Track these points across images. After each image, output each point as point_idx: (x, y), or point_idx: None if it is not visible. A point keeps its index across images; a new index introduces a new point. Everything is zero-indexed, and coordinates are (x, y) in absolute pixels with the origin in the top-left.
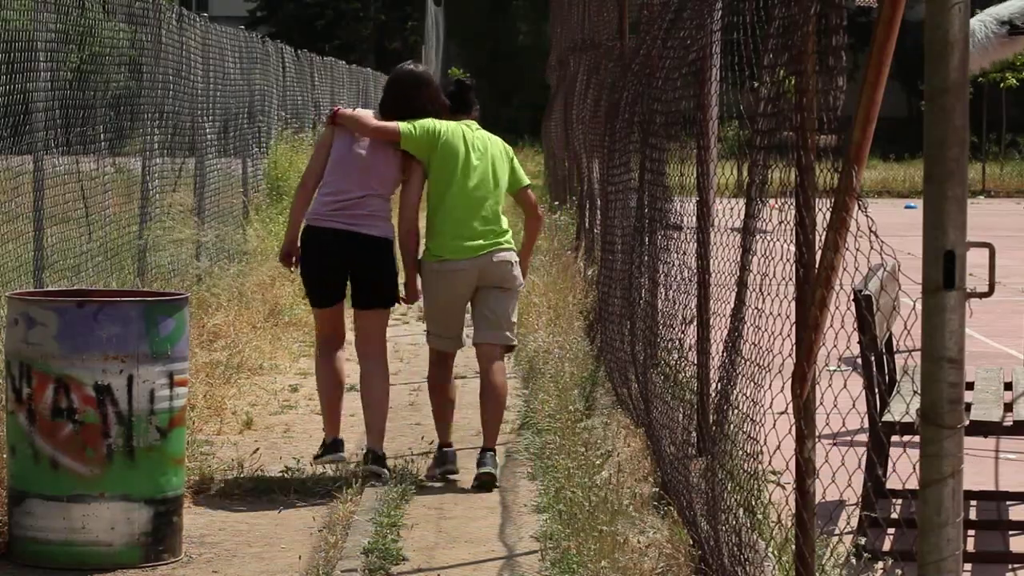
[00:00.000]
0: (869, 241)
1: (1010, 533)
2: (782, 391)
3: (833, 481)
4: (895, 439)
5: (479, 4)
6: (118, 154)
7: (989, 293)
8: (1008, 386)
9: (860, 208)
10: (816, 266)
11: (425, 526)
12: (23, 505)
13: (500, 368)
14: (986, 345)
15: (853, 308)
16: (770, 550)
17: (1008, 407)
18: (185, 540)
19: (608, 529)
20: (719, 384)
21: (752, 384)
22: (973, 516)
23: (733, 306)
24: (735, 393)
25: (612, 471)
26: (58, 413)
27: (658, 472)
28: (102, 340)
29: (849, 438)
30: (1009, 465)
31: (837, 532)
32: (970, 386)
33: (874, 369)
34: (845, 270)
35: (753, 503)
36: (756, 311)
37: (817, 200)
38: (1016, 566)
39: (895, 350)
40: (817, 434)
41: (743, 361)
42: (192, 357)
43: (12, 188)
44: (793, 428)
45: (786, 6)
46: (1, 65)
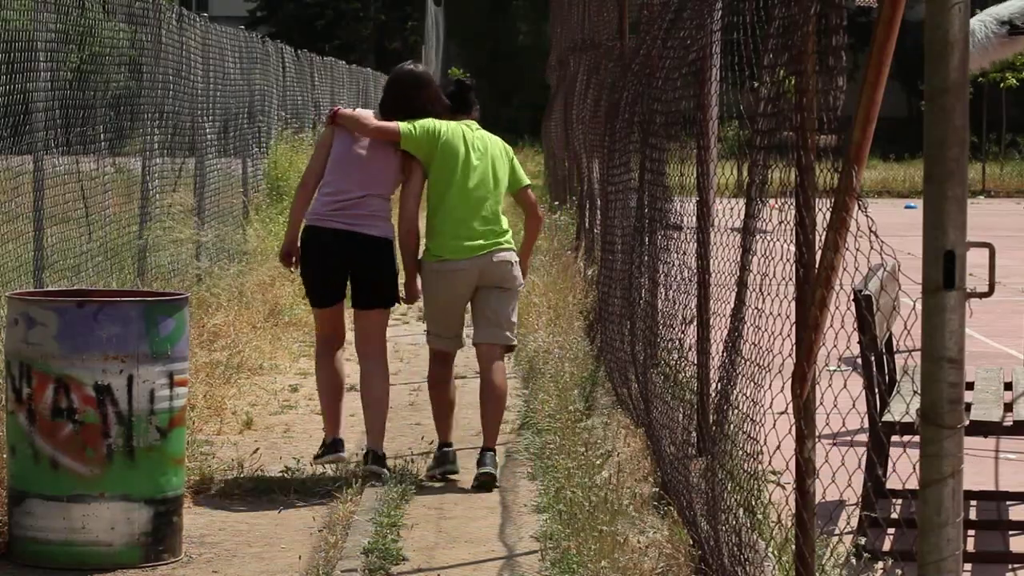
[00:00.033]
0: (869, 241)
1: (1010, 533)
2: (782, 391)
3: (833, 481)
4: (895, 439)
5: (479, 4)
6: (118, 154)
7: (989, 293)
8: (1008, 386)
9: (860, 208)
10: (816, 266)
11: (425, 526)
12: (23, 505)
13: (500, 368)
14: (986, 345)
15: (853, 308)
16: (770, 550)
17: (1008, 407)
18: (185, 540)
19: (608, 529)
20: (719, 384)
21: (752, 384)
22: (973, 516)
23: (733, 306)
24: (735, 393)
25: (612, 471)
26: (58, 413)
27: (658, 472)
28: (102, 340)
29: (849, 438)
30: (1009, 465)
31: (837, 532)
32: (970, 386)
33: (874, 369)
34: (845, 270)
35: (753, 503)
36: (756, 311)
37: (817, 200)
38: (1016, 566)
39: (895, 350)
40: (817, 434)
41: (743, 361)
42: (192, 357)
43: (12, 188)
44: (793, 428)
45: (786, 6)
46: (1, 65)
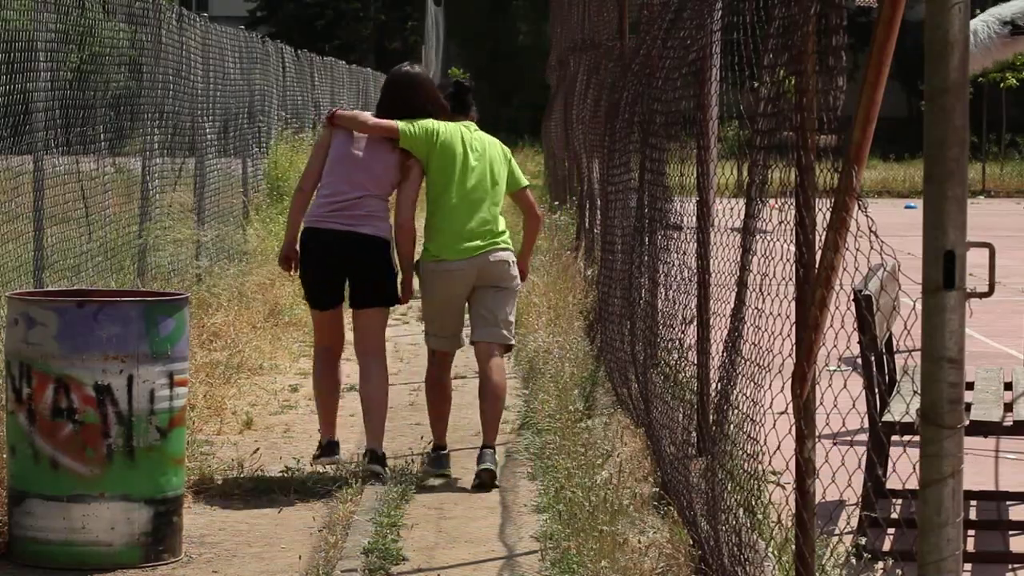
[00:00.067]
0: (869, 241)
1: (1010, 533)
2: (782, 391)
3: (833, 481)
4: (895, 439)
5: (479, 4)
6: (118, 154)
7: (989, 293)
8: (1008, 386)
9: (860, 208)
10: (816, 266)
11: (425, 526)
12: (23, 505)
13: (498, 365)
14: (986, 345)
15: (853, 308)
16: (770, 550)
17: (1008, 407)
18: (185, 540)
19: (608, 529)
20: (719, 384)
21: (752, 384)
22: (973, 516)
23: (733, 306)
24: (735, 393)
25: (612, 471)
26: (58, 413)
27: (658, 472)
28: (102, 340)
29: (849, 438)
30: (1009, 465)
31: (837, 532)
32: (970, 386)
33: (874, 369)
34: (845, 270)
35: (753, 503)
36: (756, 311)
37: (817, 200)
38: (1016, 566)
39: (895, 350)
40: (817, 434)
41: (743, 361)
42: (192, 357)
43: (12, 188)
44: (793, 428)
45: (786, 6)
46: (1, 65)
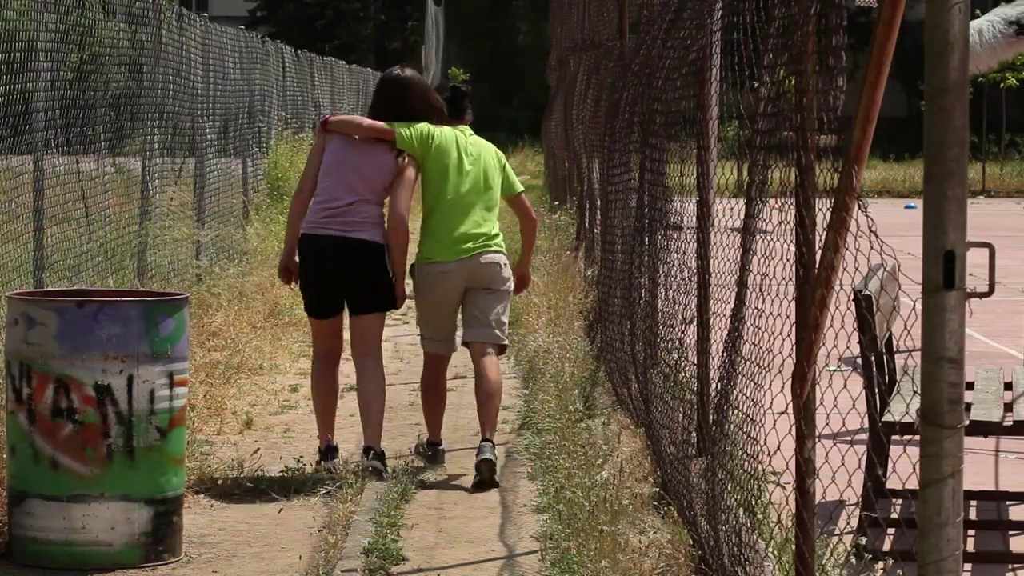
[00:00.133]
0: (869, 241)
1: (1010, 533)
2: (782, 391)
3: (833, 481)
4: (895, 439)
5: (479, 4)
6: (118, 154)
7: (989, 293)
8: (1008, 386)
9: (860, 208)
10: (816, 266)
11: (425, 526)
12: (23, 505)
13: (492, 361)
14: (986, 345)
15: (853, 308)
16: (770, 550)
17: (1008, 407)
18: (185, 540)
19: (608, 529)
20: (719, 384)
21: (752, 384)
22: (973, 516)
23: (733, 306)
24: (735, 393)
25: (612, 471)
26: (58, 413)
27: (658, 472)
28: (102, 340)
29: (849, 438)
30: (1009, 465)
31: (837, 532)
32: (970, 386)
33: (874, 369)
34: (845, 270)
35: (753, 503)
36: (756, 311)
37: (817, 200)
38: (1016, 566)
39: (895, 350)
40: (817, 434)
41: (743, 361)
42: (192, 357)
43: (12, 188)
44: (793, 428)
45: (786, 6)
46: (1, 65)
